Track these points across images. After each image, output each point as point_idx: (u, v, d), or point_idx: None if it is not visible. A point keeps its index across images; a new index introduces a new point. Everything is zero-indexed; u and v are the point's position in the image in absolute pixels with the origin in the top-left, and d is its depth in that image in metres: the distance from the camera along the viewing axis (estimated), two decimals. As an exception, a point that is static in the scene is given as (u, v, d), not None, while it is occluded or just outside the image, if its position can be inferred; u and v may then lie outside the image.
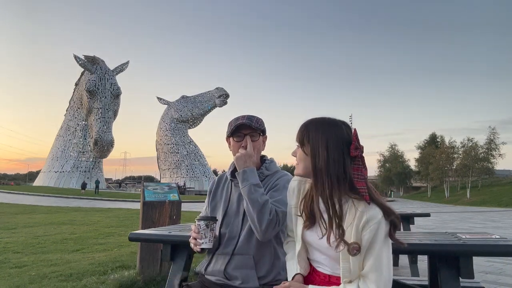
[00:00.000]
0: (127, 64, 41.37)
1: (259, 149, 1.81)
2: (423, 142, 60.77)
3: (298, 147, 1.36)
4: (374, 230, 1.22)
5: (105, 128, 36.88)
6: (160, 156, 52.24)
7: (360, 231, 1.23)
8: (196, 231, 1.62)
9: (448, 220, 14.21)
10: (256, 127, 1.76)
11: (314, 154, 1.29)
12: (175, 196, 4.17)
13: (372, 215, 1.23)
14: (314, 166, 1.30)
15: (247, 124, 1.74)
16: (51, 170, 43.73)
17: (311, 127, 1.34)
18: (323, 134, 1.30)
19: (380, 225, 1.23)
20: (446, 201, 41.85)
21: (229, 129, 1.79)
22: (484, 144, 44.32)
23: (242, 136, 1.75)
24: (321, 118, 1.36)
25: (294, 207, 1.47)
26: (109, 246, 6.39)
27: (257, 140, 1.78)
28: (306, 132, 1.33)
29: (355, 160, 1.28)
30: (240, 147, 1.75)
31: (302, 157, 1.34)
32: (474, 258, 1.77)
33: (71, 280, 3.95)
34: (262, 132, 1.80)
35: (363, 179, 1.27)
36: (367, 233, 1.22)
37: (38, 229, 8.70)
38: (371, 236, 1.22)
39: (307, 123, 1.36)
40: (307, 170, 1.33)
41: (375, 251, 1.23)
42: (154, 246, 3.86)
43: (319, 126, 1.33)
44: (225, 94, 49.44)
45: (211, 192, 1.93)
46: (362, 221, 1.23)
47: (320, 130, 1.31)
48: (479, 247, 1.77)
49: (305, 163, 1.33)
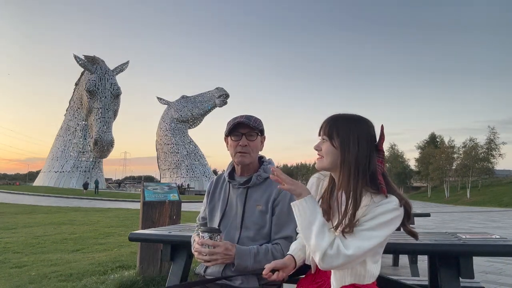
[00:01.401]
0: (127, 64, 41.33)
1: (257, 149, 1.80)
2: (423, 142, 60.85)
3: (324, 140, 1.37)
4: (377, 212, 1.24)
5: (105, 128, 36.84)
6: (160, 156, 52.22)
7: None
8: (200, 243, 1.57)
9: (448, 220, 14.22)
10: (254, 126, 1.75)
11: (345, 148, 1.32)
12: (175, 196, 4.17)
13: (385, 204, 1.25)
14: (343, 160, 1.32)
15: (245, 122, 1.73)
16: (51, 170, 43.71)
17: (341, 122, 1.36)
18: (354, 129, 1.34)
19: (388, 210, 1.24)
20: (446, 201, 41.86)
21: (227, 128, 1.78)
22: (484, 144, 44.34)
23: (240, 135, 1.75)
24: (348, 114, 1.40)
25: None
26: (109, 246, 6.39)
27: (255, 140, 1.77)
28: (336, 127, 1.35)
29: (379, 154, 1.35)
30: (237, 146, 1.74)
31: (330, 151, 1.34)
32: (474, 258, 1.77)
33: (71, 280, 3.95)
34: (260, 132, 1.80)
35: (381, 172, 1.32)
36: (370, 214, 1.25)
37: (38, 229, 8.70)
38: (371, 215, 1.24)
39: (336, 118, 1.39)
40: (334, 163, 1.35)
41: (368, 226, 1.23)
42: (154, 246, 3.86)
43: (349, 121, 1.37)
44: (225, 94, 49.40)
45: (209, 192, 1.93)
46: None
47: (350, 125, 1.35)
48: (479, 247, 1.77)
49: (333, 156, 1.34)
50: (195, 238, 1.66)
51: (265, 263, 1.58)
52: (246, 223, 1.73)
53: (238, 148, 1.74)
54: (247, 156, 1.75)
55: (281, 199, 1.71)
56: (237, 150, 1.75)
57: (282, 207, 1.70)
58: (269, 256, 1.62)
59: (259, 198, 1.75)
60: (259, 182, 1.77)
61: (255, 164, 1.82)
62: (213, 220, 1.86)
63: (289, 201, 1.70)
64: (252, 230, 1.72)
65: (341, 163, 1.32)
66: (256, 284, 1.66)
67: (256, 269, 1.61)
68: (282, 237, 1.67)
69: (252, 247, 1.64)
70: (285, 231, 1.68)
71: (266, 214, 1.72)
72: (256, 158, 1.81)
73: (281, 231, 1.68)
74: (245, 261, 1.60)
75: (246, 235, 1.72)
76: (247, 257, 1.60)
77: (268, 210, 1.72)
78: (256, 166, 1.82)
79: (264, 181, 1.78)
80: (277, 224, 1.69)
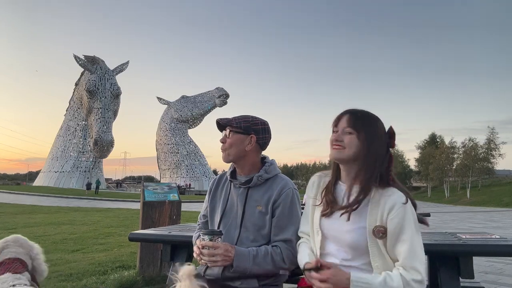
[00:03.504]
0: (127, 64, 41.35)
1: (236, 146, 1.76)
2: (423, 142, 60.81)
3: (349, 133, 1.39)
4: (401, 214, 1.29)
5: (105, 128, 36.85)
6: (160, 156, 52.25)
7: (386, 215, 1.31)
8: (200, 245, 1.58)
9: (448, 220, 14.22)
10: (223, 124, 1.79)
11: (370, 142, 1.37)
12: (175, 196, 4.17)
13: (396, 199, 1.32)
14: (366, 153, 1.37)
15: (219, 121, 1.80)
16: (51, 170, 43.71)
17: (366, 117, 1.42)
18: (377, 126, 1.41)
19: (406, 209, 1.30)
20: (446, 201, 41.86)
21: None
22: (484, 144, 44.34)
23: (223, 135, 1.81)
24: (366, 110, 1.45)
25: (313, 198, 1.54)
26: (109, 246, 6.38)
27: (230, 138, 1.77)
28: (362, 120, 1.40)
29: (389, 151, 1.42)
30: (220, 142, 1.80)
31: (355, 144, 1.37)
32: (474, 258, 1.77)
33: (71, 280, 3.95)
34: (239, 129, 1.76)
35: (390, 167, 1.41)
36: (394, 217, 1.29)
37: (38, 229, 8.70)
38: (400, 221, 1.29)
39: (361, 113, 1.43)
40: (355, 156, 1.38)
41: (408, 237, 1.28)
42: (154, 246, 3.86)
43: (373, 118, 1.43)
44: (225, 94, 49.44)
45: (211, 191, 1.93)
46: (387, 205, 1.31)
47: (376, 122, 1.42)
48: (479, 247, 1.77)
49: (356, 149, 1.37)
50: (196, 241, 1.66)
51: (264, 265, 1.58)
52: (246, 223, 1.73)
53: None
54: (225, 152, 1.78)
55: (281, 201, 1.70)
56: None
57: (282, 209, 1.70)
58: (268, 259, 1.62)
59: (260, 198, 1.74)
60: (260, 183, 1.77)
61: (257, 163, 1.82)
62: (214, 219, 1.86)
63: (290, 204, 1.70)
64: (251, 231, 1.72)
65: (364, 157, 1.37)
66: (256, 284, 1.65)
67: (254, 272, 1.61)
68: (282, 239, 1.67)
69: (252, 249, 1.64)
70: (285, 234, 1.68)
71: (266, 215, 1.72)
72: (236, 155, 1.77)
73: (280, 233, 1.68)
74: (244, 263, 1.60)
75: (245, 235, 1.72)
76: (246, 259, 1.60)
77: (268, 211, 1.71)
78: (258, 166, 1.82)
79: (265, 182, 1.78)
80: (277, 226, 1.69)
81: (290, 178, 1.85)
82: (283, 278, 1.75)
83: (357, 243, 1.34)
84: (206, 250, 1.56)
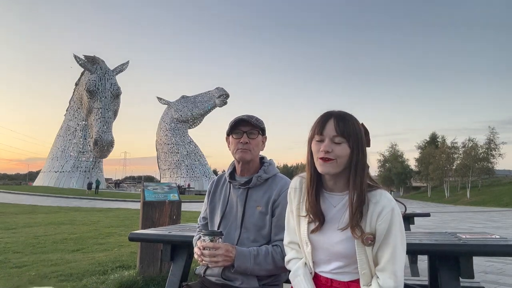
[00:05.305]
0: (127, 64, 41.31)
1: (258, 147, 1.80)
2: (423, 142, 60.75)
3: (338, 143, 1.26)
4: (388, 219, 1.24)
5: (105, 128, 36.82)
6: (160, 156, 52.22)
7: (374, 221, 1.25)
8: (201, 246, 1.58)
9: (448, 220, 14.21)
10: (255, 124, 1.76)
11: (360, 147, 1.27)
12: (175, 196, 4.17)
13: (385, 204, 1.25)
14: (357, 161, 1.26)
15: (246, 120, 1.75)
16: (51, 170, 43.68)
17: (350, 119, 1.28)
18: (360, 127, 1.30)
19: (393, 213, 1.24)
20: (446, 201, 41.83)
21: (229, 127, 1.79)
22: (484, 144, 44.31)
23: (241, 133, 1.75)
24: (343, 111, 1.31)
25: (296, 208, 1.41)
26: (109, 246, 6.39)
27: (256, 138, 1.77)
28: (349, 125, 1.26)
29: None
30: (238, 143, 1.75)
31: (346, 152, 1.25)
32: (474, 258, 1.77)
33: (71, 280, 3.95)
34: (261, 130, 1.80)
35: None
36: (382, 222, 1.24)
37: (38, 229, 8.70)
38: (386, 226, 1.24)
39: (345, 115, 1.29)
40: (347, 164, 1.27)
41: (391, 241, 1.24)
42: (154, 246, 3.86)
43: (354, 119, 1.30)
44: (225, 94, 49.42)
45: (210, 192, 1.93)
46: (375, 210, 1.25)
47: (357, 122, 1.30)
48: (479, 247, 1.77)
49: (348, 158, 1.26)
50: (197, 243, 1.66)
51: (265, 265, 1.58)
52: (246, 223, 1.73)
53: (239, 145, 1.75)
54: (247, 153, 1.75)
55: (281, 201, 1.71)
56: (238, 147, 1.75)
57: (282, 209, 1.69)
58: (269, 258, 1.62)
59: (259, 199, 1.75)
60: (259, 183, 1.77)
61: (256, 164, 1.82)
62: (214, 220, 1.86)
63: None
64: (252, 231, 1.72)
65: (355, 165, 1.26)
66: (256, 284, 1.65)
67: (255, 271, 1.61)
68: (282, 239, 1.67)
69: (252, 249, 1.64)
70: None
71: (266, 215, 1.72)
72: (256, 156, 1.81)
73: (281, 233, 1.68)
74: (245, 263, 1.60)
75: (246, 236, 1.72)
76: (247, 258, 1.61)
77: (268, 211, 1.72)
78: (257, 166, 1.82)
79: (264, 182, 1.78)
80: (277, 226, 1.69)
81: (290, 178, 1.84)
82: (283, 277, 1.76)
83: (349, 252, 1.28)
84: (207, 251, 1.56)
